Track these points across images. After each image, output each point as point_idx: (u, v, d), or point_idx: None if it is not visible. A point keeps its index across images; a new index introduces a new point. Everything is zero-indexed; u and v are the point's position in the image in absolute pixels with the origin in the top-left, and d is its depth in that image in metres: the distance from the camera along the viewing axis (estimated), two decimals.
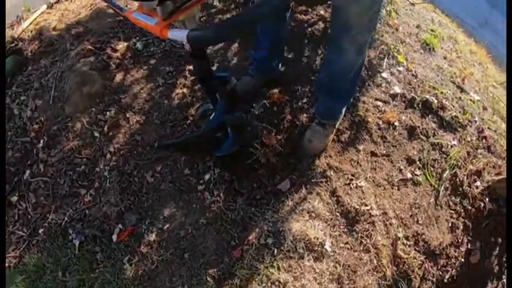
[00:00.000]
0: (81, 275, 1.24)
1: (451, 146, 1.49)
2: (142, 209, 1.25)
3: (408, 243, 1.25)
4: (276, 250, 1.12)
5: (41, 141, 1.48)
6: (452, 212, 1.38)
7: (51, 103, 1.51)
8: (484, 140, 1.61)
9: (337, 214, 1.20)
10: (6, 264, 1.40)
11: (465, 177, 1.46)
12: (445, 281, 1.29)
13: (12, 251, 1.41)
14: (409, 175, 1.36)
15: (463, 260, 1.35)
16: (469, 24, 2.38)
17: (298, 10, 1.73)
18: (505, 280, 1.43)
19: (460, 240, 1.37)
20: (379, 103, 1.48)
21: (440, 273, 1.29)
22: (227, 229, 1.17)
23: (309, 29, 1.66)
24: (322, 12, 1.74)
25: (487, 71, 2.03)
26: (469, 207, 1.42)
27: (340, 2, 0.97)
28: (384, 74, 1.58)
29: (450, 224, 1.36)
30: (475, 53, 2.08)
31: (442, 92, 1.62)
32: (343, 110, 1.32)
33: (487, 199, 1.46)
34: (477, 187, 1.47)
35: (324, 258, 1.12)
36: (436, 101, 1.58)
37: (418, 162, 1.39)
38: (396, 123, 1.44)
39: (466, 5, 2.40)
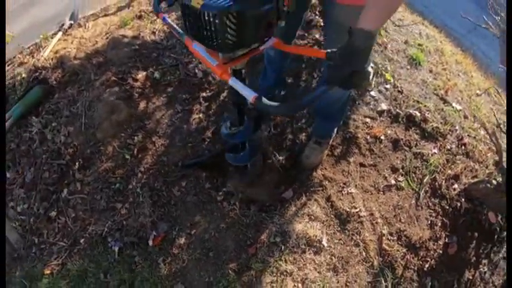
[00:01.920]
0: (121, 275, 1.70)
1: (432, 154, 1.96)
2: (172, 218, 1.71)
3: (392, 238, 1.71)
4: (283, 246, 1.58)
5: (76, 163, 1.94)
6: (432, 211, 1.85)
7: (83, 129, 1.97)
8: (463, 147, 2.07)
9: (332, 216, 1.67)
10: (49, 272, 1.85)
11: (444, 181, 1.92)
12: (425, 269, 1.75)
13: (54, 260, 1.85)
14: (393, 181, 1.82)
15: (441, 251, 1.81)
16: (458, 31, 2.81)
17: None
18: (481, 269, 1.90)
19: (438, 235, 1.83)
20: (368, 120, 1.94)
21: (421, 263, 1.75)
22: (243, 231, 1.64)
23: None
24: (317, 36, 2.19)
25: (471, 79, 2.49)
26: (447, 207, 1.88)
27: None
28: (372, 93, 2.04)
29: (429, 222, 1.83)
30: (461, 62, 2.54)
31: (425, 106, 2.08)
32: (336, 129, 1.78)
33: (463, 199, 1.92)
34: (454, 189, 1.94)
35: (321, 252, 1.59)
36: (419, 114, 2.04)
37: (401, 170, 1.86)
38: (382, 137, 1.91)
39: (455, 13, 2.84)
